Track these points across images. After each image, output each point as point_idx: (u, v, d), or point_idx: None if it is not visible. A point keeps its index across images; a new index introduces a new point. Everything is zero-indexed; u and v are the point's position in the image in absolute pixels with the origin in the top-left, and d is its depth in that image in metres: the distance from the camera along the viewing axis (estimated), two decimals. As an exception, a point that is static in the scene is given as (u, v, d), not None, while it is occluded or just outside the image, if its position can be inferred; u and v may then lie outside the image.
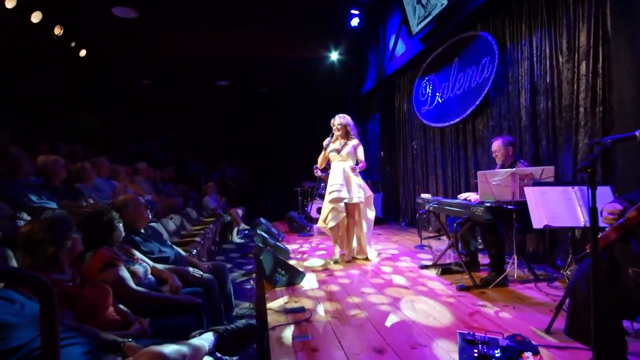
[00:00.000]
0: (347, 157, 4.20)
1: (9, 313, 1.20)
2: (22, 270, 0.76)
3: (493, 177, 2.96)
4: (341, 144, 4.26)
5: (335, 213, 4.05)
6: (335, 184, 4.09)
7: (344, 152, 4.21)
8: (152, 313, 1.89)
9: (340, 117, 4.28)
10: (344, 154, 4.21)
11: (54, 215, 1.68)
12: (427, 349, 2.02)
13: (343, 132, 4.25)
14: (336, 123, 4.26)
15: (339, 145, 4.26)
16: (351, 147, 4.23)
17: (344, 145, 4.24)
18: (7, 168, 3.00)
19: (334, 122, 4.29)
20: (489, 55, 4.63)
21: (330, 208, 4.06)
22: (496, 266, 3.13)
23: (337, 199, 4.02)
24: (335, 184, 4.09)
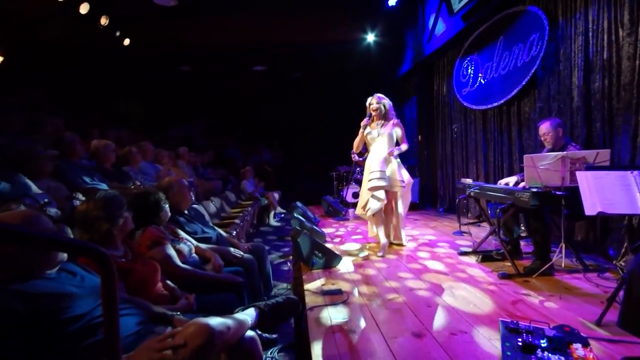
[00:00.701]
0: (386, 140, 3.92)
1: (72, 284, 1.30)
2: (86, 242, 0.81)
3: (541, 161, 2.81)
4: (379, 126, 3.97)
5: (375, 201, 3.82)
6: (375, 170, 3.83)
7: (382, 135, 3.92)
8: (196, 290, 1.98)
9: (377, 97, 3.99)
10: (383, 136, 3.92)
11: (108, 195, 1.78)
12: (468, 335, 1.98)
13: (381, 112, 3.95)
14: (373, 103, 3.97)
15: (376, 127, 3.98)
16: (390, 128, 3.93)
17: (382, 126, 3.96)
18: (63, 152, 3.21)
19: (370, 102, 4.01)
20: (538, 32, 4.34)
21: (370, 196, 3.85)
22: (541, 254, 3.00)
23: (377, 187, 3.79)
24: (375, 171, 3.82)
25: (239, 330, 1.31)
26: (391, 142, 3.93)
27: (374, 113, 3.96)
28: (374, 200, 3.83)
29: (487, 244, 3.73)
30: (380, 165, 3.83)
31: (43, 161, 2.72)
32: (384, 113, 3.96)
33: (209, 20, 8.08)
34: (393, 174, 3.83)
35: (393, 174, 3.83)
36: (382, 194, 3.81)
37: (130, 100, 9.33)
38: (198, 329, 1.14)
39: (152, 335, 1.30)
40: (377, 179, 3.78)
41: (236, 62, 9.76)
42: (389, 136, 3.91)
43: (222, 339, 1.19)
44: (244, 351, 1.32)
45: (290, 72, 10.54)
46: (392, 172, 3.84)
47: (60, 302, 1.20)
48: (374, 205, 3.83)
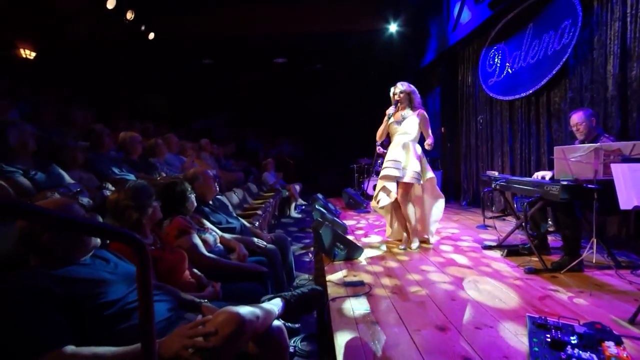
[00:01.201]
0: (409, 131, 3.67)
1: (105, 270, 1.35)
2: (123, 229, 0.83)
3: (572, 153, 2.70)
4: (403, 116, 3.72)
5: (386, 192, 3.61)
6: (391, 159, 3.63)
7: (406, 125, 3.68)
8: (221, 278, 2.02)
9: (401, 85, 3.74)
10: (406, 126, 3.67)
11: (137, 185, 1.84)
12: (493, 330, 1.95)
13: (405, 101, 3.71)
14: (397, 91, 3.72)
15: (400, 116, 3.73)
16: (415, 118, 3.67)
17: (406, 117, 3.70)
18: (93, 144, 3.31)
19: (394, 90, 3.77)
20: (570, 18, 4.15)
21: (382, 186, 3.65)
22: (570, 250, 2.90)
23: (389, 177, 3.59)
24: (390, 160, 3.63)
25: (267, 320, 1.34)
26: (416, 133, 3.69)
27: (399, 103, 3.74)
28: (385, 192, 3.63)
29: (512, 239, 3.64)
30: (397, 154, 3.63)
31: (75, 152, 2.82)
32: (409, 102, 3.72)
33: (230, 12, 8.15)
34: (410, 165, 3.58)
35: (410, 165, 3.58)
36: (392, 186, 3.59)
37: (154, 93, 9.53)
38: (229, 317, 1.17)
39: (183, 322, 1.34)
40: (390, 168, 3.59)
41: (257, 54, 9.80)
42: (413, 127, 3.68)
43: (251, 327, 1.21)
44: (271, 340, 1.34)
45: (312, 64, 10.51)
46: (408, 163, 3.59)
47: (95, 287, 1.25)
48: (383, 197, 3.64)
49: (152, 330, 0.86)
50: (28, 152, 2.54)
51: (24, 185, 2.19)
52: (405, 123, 3.68)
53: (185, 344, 1.11)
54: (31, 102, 4.63)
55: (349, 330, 1.97)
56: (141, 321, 0.88)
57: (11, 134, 2.42)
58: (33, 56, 7.25)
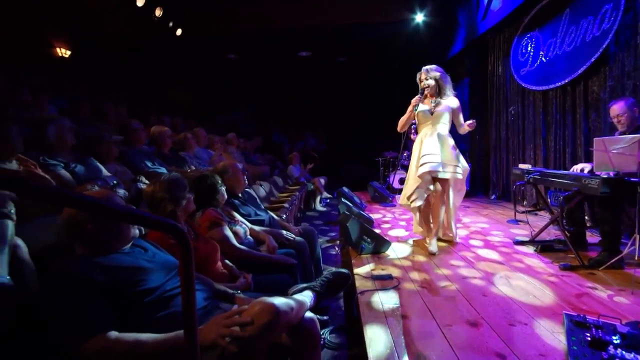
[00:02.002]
0: (443, 120, 3.32)
1: (144, 259, 1.40)
2: (168, 220, 0.86)
3: (614, 145, 2.57)
4: (433, 103, 3.34)
5: (423, 190, 3.28)
6: (429, 153, 3.22)
7: (437, 113, 3.30)
8: (252, 270, 2.05)
9: (426, 70, 3.37)
10: (438, 115, 3.30)
11: (172, 177, 1.88)
12: (528, 327, 1.90)
13: (434, 87, 3.33)
14: (424, 77, 3.37)
15: (430, 104, 3.35)
16: (446, 106, 3.31)
17: (437, 104, 3.33)
18: (128, 138, 3.42)
19: (420, 76, 3.41)
20: (612, 2, 3.93)
21: (418, 183, 3.29)
22: (610, 246, 2.78)
23: (429, 173, 3.21)
24: (429, 154, 3.22)
25: (300, 311, 1.35)
26: (448, 121, 3.36)
27: (426, 90, 3.36)
28: (421, 190, 3.31)
29: (545, 234, 3.52)
30: (433, 147, 3.24)
31: (110, 146, 2.92)
32: (439, 88, 3.35)
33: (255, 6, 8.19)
34: (448, 159, 3.26)
35: (448, 159, 3.26)
36: (429, 180, 3.28)
37: (181, 88, 9.74)
38: (264, 307, 1.19)
39: (219, 311, 1.37)
40: (429, 163, 3.19)
41: (282, 47, 9.82)
42: (445, 115, 3.31)
43: (286, 318, 1.23)
44: (304, 332, 1.35)
45: (336, 56, 10.45)
46: (447, 157, 3.26)
47: (136, 275, 1.29)
48: (420, 196, 3.32)
49: (194, 317, 0.89)
50: (67, 146, 2.65)
51: (65, 178, 2.29)
52: (437, 112, 3.32)
53: (222, 333, 1.14)
54: (68, 97, 4.82)
55: (378, 324, 1.97)
56: (184, 309, 0.91)
57: (51, 130, 2.53)
58: (68, 55, 7.55)
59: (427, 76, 3.35)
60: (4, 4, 6.16)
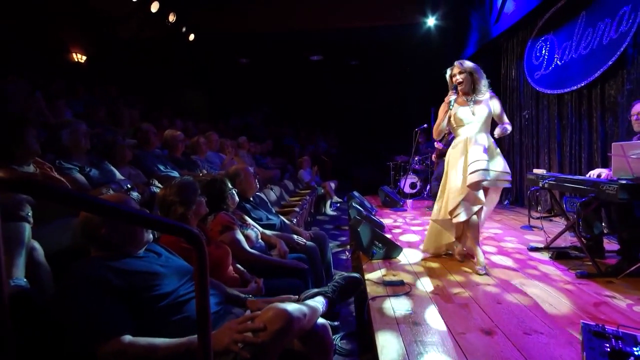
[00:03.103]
0: (484, 120, 2.92)
1: (158, 264, 1.40)
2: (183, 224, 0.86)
3: (633, 150, 2.51)
4: (470, 102, 2.96)
5: (471, 201, 2.83)
6: (477, 159, 2.78)
7: (480, 113, 2.90)
8: (263, 274, 2.05)
9: (459, 64, 2.98)
10: (479, 115, 2.90)
11: (183, 181, 1.90)
12: (544, 336, 1.85)
13: (468, 83, 2.93)
14: (456, 72, 2.96)
15: (467, 103, 2.97)
16: (487, 104, 2.92)
17: (475, 102, 2.95)
18: (141, 142, 3.47)
19: (452, 72, 3.00)
20: (630, 4, 3.85)
21: (466, 195, 2.83)
22: (629, 253, 2.71)
23: (480, 183, 2.78)
24: (477, 160, 2.77)
25: (313, 318, 1.34)
26: (488, 121, 2.97)
27: (460, 87, 2.96)
28: (468, 203, 2.84)
29: (561, 240, 3.44)
30: (478, 152, 2.81)
31: (124, 150, 2.96)
32: (472, 84, 2.95)
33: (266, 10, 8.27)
34: (495, 163, 2.87)
35: (495, 163, 2.87)
36: (481, 193, 2.84)
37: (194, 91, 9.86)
38: (277, 313, 1.19)
39: (231, 316, 1.37)
40: (482, 171, 2.74)
41: (293, 52, 9.88)
42: (488, 114, 2.92)
43: (299, 324, 1.22)
44: (317, 338, 1.34)
45: (348, 59, 10.46)
46: (496, 163, 2.87)
47: (150, 279, 1.30)
48: (467, 209, 2.84)
49: (209, 322, 0.89)
50: (82, 150, 2.69)
51: (80, 182, 2.32)
52: (478, 111, 2.92)
53: (235, 338, 1.14)
54: (84, 102, 4.91)
55: (390, 330, 1.94)
56: (198, 314, 0.91)
57: (65, 133, 2.58)
58: (84, 60, 7.70)
59: (461, 69, 2.94)
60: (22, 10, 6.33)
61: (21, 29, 6.38)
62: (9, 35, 6.09)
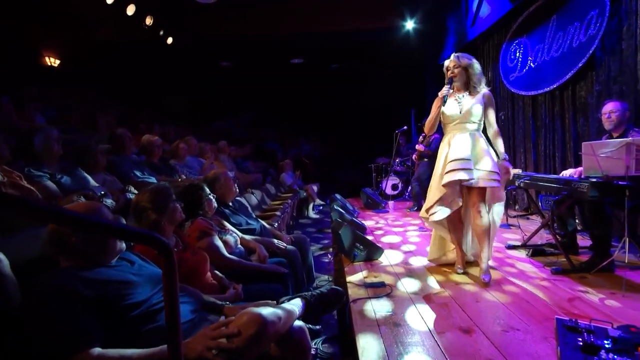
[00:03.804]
0: (473, 117, 2.71)
1: (131, 272, 1.37)
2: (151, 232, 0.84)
3: (602, 149, 2.60)
4: (461, 98, 2.77)
5: (448, 201, 2.72)
6: (458, 158, 2.63)
7: (467, 110, 2.71)
8: (243, 280, 2.03)
9: (456, 57, 2.77)
10: (468, 111, 2.71)
11: (156, 187, 1.87)
12: (520, 333, 1.89)
13: (462, 78, 2.74)
14: (451, 65, 2.76)
15: (458, 99, 2.78)
16: (478, 100, 2.71)
17: (466, 98, 2.76)
18: (116, 147, 3.39)
19: (447, 65, 2.80)
20: (597, 8, 4.00)
21: (442, 194, 2.71)
22: (600, 249, 2.79)
23: (455, 182, 2.64)
24: (458, 159, 2.63)
25: (289, 320, 1.33)
26: (478, 119, 2.75)
27: (455, 80, 2.78)
28: (444, 203, 2.74)
29: (537, 238, 3.53)
30: (462, 150, 2.66)
31: (98, 156, 2.88)
32: (470, 80, 2.75)
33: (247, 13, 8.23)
34: (482, 163, 2.65)
35: (482, 163, 2.65)
36: (456, 190, 2.73)
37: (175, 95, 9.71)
38: (251, 318, 1.17)
39: (206, 323, 1.34)
40: (456, 170, 2.62)
41: (273, 55, 9.86)
42: (476, 111, 2.71)
43: (273, 328, 1.21)
44: (293, 341, 1.33)
45: (329, 63, 10.51)
46: (480, 161, 2.67)
47: (122, 289, 1.27)
48: (442, 210, 2.74)
49: (179, 331, 0.86)
50: (54, 157, 2.61)
51: (51, 189, 2.25)
52: (465, 107, 2.74)
53: (208, 345, 1.12)
54: (57, 106, 4.78)
55: (371, 332, 1.94)
56: (168, 322, 0.88)
57: (37, 140, 2.50)
58: (57, 64, 7.50)
59: (457, 64, 2.75)
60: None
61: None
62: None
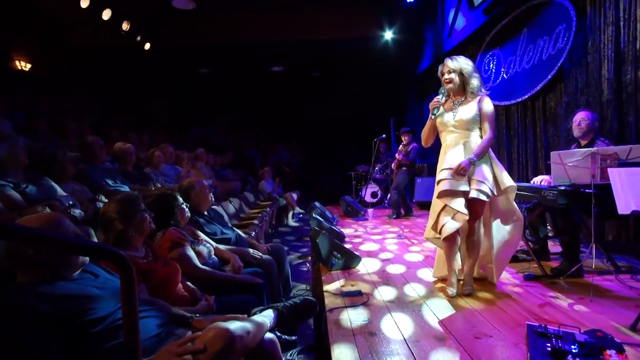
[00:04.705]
0: (468, 124, 2.52)
1: (94, 286, 1.31)
2: (106, 246, 0.81)
3: (569, 158, 2.69)
4: (457, 104, 2.60)
5: (451, 215, 2.47)
6: (446, 167, 2.50)
7: (462, 116, 2.54)
8: (216, 291, 1.98)
9: (449, 61, 2.59)
10: (463, 118, 2.54)
11: (123, 196, 1.81)
12: (492, 339, 1.91)
13: (458, 83, 2.57)
14: (445, 71, 2.60)
15: (452, 106, 2.61)
16: (474, 106, 2.53)
17: (461, 104, 2.58)
18: (87, 155, 3.28)
19: (441, 70, 2.64)
20: (564, 23, 4.17)
21: (442, 207, 2.51)
22: (570, 255, 2.88)
23: (451, 192, 2.45)
24: (447, 168, 2.50)
25: (258, 334, 1.30)
26: (475, 125, 2.55)
27: (448, 86, 2.60)
28: (448, 215, 2.48)
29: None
30: (456, 158, 2.49)
31: (66, 164, 2.78)
32: (463, 84, 2.58)
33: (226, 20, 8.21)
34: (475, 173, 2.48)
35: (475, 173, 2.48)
36: (460, 203, 2.45)
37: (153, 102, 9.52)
38: (218, 333, 1.14)
39: (173, 338, 1.30)
40: (450, 180, 2.46)
41: (254, 63, 9.84)
42: (472, 118, 2.52)
43: (242, 343, 1.18)
44: (263, 354, 1.31)
45: (309, 71, 10.55)
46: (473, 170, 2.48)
47: (84, 303, 1.22)
48: (449, 223, 2.47)
49: (138, 348, 0.83)
50: (20, 165, 2.51)
51: (14, 199, 2.16)
52: (460, 114, 2.56)
53: (173, 362, 1.08)
54: (25, 112, 4.61)
55: (346, 342, 1.93)
56: (126, 339, 0.85)
57: (2, 148, 2.40)
58: (28, 68, 7.26)
59: (451, 69, 2.57)
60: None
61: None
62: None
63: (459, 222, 2.46)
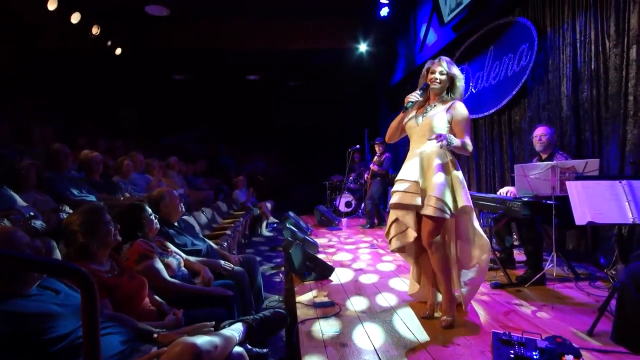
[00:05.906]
0: (433, 131, 2.26)
1: (55, 303, 1.26)
2: (64, 262, 0.78)
3: (531, 171, 2.82)
4: (430, 107, 2.37)
5: (402, 229, 2.34)
6: (401, 178, 2.33)
7: (427, 121, 2.32)
8: (185, 304, 1.94)
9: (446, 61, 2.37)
10: (428, 123, 2.31)
11: (87, 208, 1.75)
12: (460, 347, 1.96)
13: (444, 87, 2.36)
14: (436, 70, 2.34)
15: (425, 109, 2.40)
16: (443, 111, 2.32)
17: (432, 110, 2.36)
18: (51, 163, 3.16)
19: (432, 68, 2.37)
20: (527, 42, 4.40)
21: (394, 219, 2.37)
22: (533, 264, 3.00)
23: (401, 205, 2.29)
24: (401, 179, 2.33)
25: (226, 348, 1.29)
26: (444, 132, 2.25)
27: (434, 86, 2.35)
28: (397, 228, 2.36)
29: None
30: (411, 170, 2.31)
31: (27, 173, 2.66)
32: (453, 92, 2.40)
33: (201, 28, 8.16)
34: (431, 187, 2.24)
35: (431, 187, 2.24)
36: (409, 218, 2.28)
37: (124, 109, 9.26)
38: (184, 348, 1.12)
39: (138, 355, 1.26)
40: (400, 192, 2.30)
41: (229, 71, 9.79)
42: (437, 125, 2.29)
43: (209, 357, 1.16)
44: (231, 369, 1.29)
45: (284, 80, 10.60)
46: (429, 184, 2.26)
47: (43, 322, 1.17)
48: (398, 237, 2.37)
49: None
50: (-24, 174, 2.40)
51: (-32, 210, 2.05)
52: (427, 118, 2.34)
53: (137, 380, 1.05)
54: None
55: (317, 354, 1.93)
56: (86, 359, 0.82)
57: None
58: (-10, 71, 6.92)
59: (444, 70, 2.34)
60: None
61: None
62: None
63: (407, 239, 2.32)
